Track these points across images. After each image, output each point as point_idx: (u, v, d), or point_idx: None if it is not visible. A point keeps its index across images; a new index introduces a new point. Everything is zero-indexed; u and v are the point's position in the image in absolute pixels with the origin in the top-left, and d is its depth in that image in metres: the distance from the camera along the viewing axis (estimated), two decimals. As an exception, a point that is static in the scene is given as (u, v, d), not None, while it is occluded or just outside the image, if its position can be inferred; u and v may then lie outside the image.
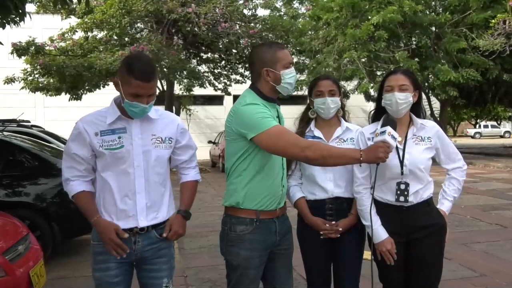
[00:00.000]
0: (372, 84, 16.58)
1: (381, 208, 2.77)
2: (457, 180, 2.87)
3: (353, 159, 2.46)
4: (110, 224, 2.48)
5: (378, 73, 16.96)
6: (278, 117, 2.67)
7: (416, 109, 2.84)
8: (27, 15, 5.55)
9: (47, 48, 16.75)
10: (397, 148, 2.71)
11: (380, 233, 2.72)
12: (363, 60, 15.94)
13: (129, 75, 2.36)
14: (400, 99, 2.70)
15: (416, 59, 16.73)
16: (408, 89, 2.73)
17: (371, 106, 24.93)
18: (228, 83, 20.85)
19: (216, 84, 20.58)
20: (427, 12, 16.72)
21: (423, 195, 2.75)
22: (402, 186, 2.70)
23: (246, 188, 2.57)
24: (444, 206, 2.85)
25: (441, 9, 17.11)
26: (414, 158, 2.72)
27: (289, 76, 2.60)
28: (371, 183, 2.79)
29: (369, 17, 15.76)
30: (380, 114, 2.83)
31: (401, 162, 2.71)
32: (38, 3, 22.05)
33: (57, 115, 24.50)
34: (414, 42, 16.89)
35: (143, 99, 2.40)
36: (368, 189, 2.80)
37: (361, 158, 2.41)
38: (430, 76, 16.50)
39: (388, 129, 2.45)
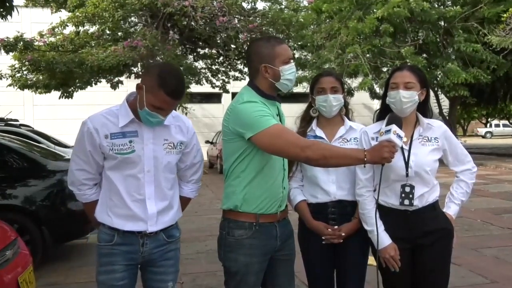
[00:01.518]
0: (376, 81, 16.07)
1: (385, 212, 2.69)
2: (465, 183, 2.81)
3: (356, 159, 2.38)
4: None
5: (384, 69, 16.45)
6: (279, 115, 2.61)
7: (423, 109, 2.76)
8: (15, 9, 5.36)
9: (36, 43, 16.31)
10: (402, 149, 2.63)
11: (383, 238, 2.65)
12: (368, 55, 15.42)
13: (160, 88, 2.30)
14: (405, 97, 2.62)
15: (424, 55, 16.24)
16: (414, 87, 2.65)
17: (376, 104, 24.54)
18: (226, 80, 20.49)
19: (214, 81, 20.20)
20: (436, 6, 16.22)
21: (428, 199, 2.68)
22: (407, 189, 2.64)
23: (245, 190, 2.50)
24: (450, 210, 2.79)
25: (450, 2, 16.61)
26: (420, 160, 2.65)
27: (289, 72, 2.53)
28: (374, 185, 2.73)
29: (374, 10, 15.24)
30: (385, 113, 2.72)
31: (406, 164, 2.64)
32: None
33: (47, 114, 24.31)
34: (422, 38, 16.43)
35: (165, 112, 2.38)
36: (371, 191, 2.73)
37: (365, 159, 2.33)
38: (439, 73, 15.99)
39: (394, 127, 2.38)
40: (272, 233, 2.57)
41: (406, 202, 2.64)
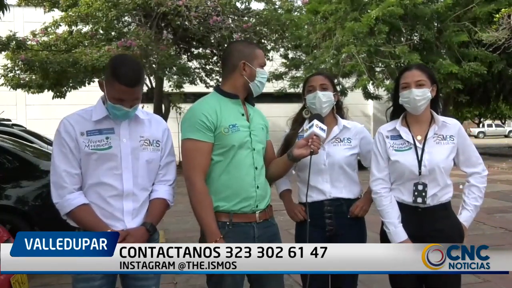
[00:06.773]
0: (373, 81, 16.05)
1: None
2: (477, 187, 2.78)
3: (283, 163, 2.68)
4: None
5: (378, 69, 16.46)
6: (249, 115, 2.64)
7: (434, 105, 2.78)
8: (8, 8, 5.38)
9: (29, 42, 16.21)
10: (415, 147, 2.68)
11: (399, 233, 2.66)
12: (363, 55, 15.42)
13: (114, 79, 2.33)
14: (418, 96, 2.66)
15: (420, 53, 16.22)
16: (425, 84, 2.69)
17: (370, 103, 24.60)
18: (220, 79, 20.18)
19: (208, 81, 20.04)
20: (429, 3, 16.26)
21: (441, 198, 2.69)
22: (420, 187, 2.66)
23: (214, 190, 2.53)
24: (461, 216, 2.77)
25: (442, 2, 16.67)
26: (435, 159, 2.66)
27: (262, 76, 2.63)
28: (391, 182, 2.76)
29: (369, 11, 15.25)
30: (398, 112, 2.81)
31: (419, 162, 2.66)
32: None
33: (40, 114, 23.97)
34: (416, 36, 16.46)
35: (127, 103, 2.37)
36: (387, 189, 2.74)
37: (289, 157, 2.59)
38: (430, 67, 16.01)
39: (315, 122, 2.54)
40: (248, 233, 2.55)
41: (419, 200, 2.66)
